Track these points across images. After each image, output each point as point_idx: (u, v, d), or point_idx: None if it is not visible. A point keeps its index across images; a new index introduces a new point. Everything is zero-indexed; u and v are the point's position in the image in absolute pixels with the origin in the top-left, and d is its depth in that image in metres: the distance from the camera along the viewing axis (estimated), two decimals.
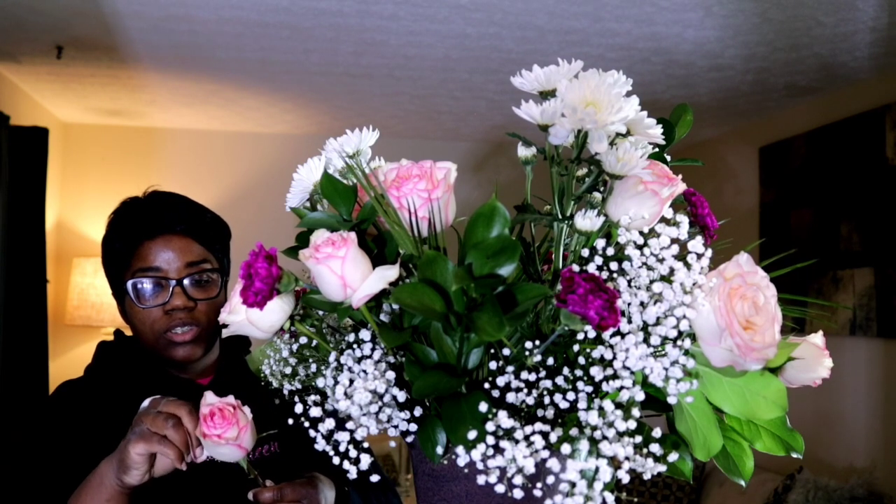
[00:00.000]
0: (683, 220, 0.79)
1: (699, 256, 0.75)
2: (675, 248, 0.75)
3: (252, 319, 0.80)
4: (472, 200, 1.44)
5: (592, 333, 0.71)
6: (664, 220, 0.79)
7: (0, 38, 3.28)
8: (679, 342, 0.72)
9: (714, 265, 0.76)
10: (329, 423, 0.77)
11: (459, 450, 0.70)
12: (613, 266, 0.75)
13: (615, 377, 0.71)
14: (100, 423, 1.32)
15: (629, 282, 0.75)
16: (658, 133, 0.81)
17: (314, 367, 0.86)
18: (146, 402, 1.11)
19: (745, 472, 0.81)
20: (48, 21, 3.05)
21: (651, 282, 0.74)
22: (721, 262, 0.76)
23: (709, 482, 3.98)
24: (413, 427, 0.76)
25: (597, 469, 0.68)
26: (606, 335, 0.71)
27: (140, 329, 1.38)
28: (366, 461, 0.75)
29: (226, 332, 0.84)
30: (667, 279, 0.74)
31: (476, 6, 2.84)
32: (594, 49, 3.24)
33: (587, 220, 0.77)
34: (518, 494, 0.69)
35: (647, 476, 0.71)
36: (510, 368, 0.72)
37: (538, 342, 0.74)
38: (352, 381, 0.75)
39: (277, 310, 0.80)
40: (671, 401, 0.72)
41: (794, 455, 0.81)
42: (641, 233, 0.78)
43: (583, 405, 0.70)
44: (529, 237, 0.84)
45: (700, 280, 0.74)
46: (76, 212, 4.66)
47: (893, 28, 2.92)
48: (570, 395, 0.71)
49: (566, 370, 0.73)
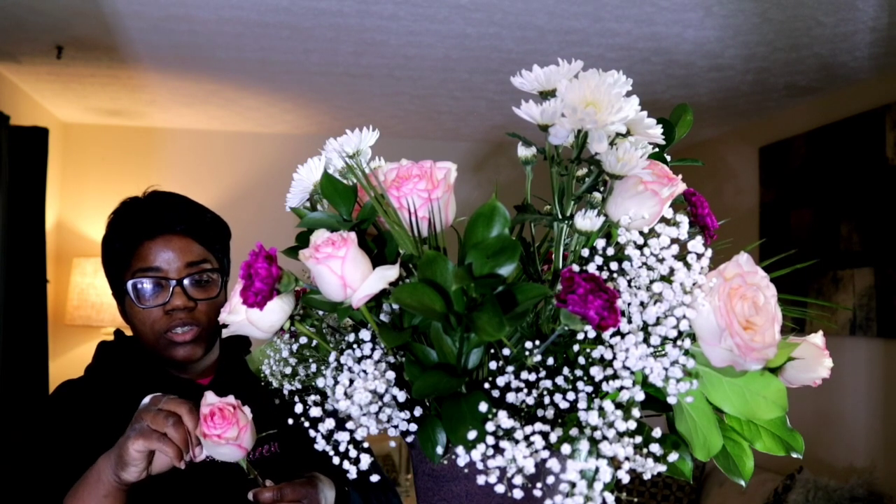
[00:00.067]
0: (683, 220, 0.79)
1: (699, 256, 0.75)
2: (675, 248, 0.75)
3: (252, 319, 0.80)
4: (472, 200, 1.44)
5: (592, 333, 0.71)
6: (664, 220, 0.79)
7: (0, 38, 3.28)
8: (679, 342, 0.72)
9: (714, 265, 0.76)
10: (329, 423, 0.77)
11: (459, 450, 0.70)
12: (613, 266, 0.75)
13: (615, 377, 0.71)
14: (100, 423, 1.31)
15: (629, 282, 0.75)
16: (658, 133, 0.81)
17: (314, 367, 0.86)
18: (147, 400, 1.11)
19: (745, 472, 0.81)
20: (48, 21, 3.05)
21: (651, 282, 0.74)
22: (721, 262, 0.76)
23: (709, 482, 3.98)
24: (413, 427, 0.76)
25: (597, 469, 0.68)
26: (606, 335, 0.71)
27: (140, 329, 1.38)
28: (366, 461, 0.75)
29: (226, 332, 0.84)
30: (667, 279, 0.74)
31: (476, 6, 2.84)
32: (594, 49, 3.24)
33: (587, 220, 0.77)
34: (518, 494, 0.69)
35: (647, 476, 0.71)
36: (510, 368, 0.72)
37: (538, 342, 0.74)
38: (352, 381, 0.75)
39: (277, 310, 0.80)
40: (671, 401, 0.72)
41: (794, 455, 0.81)
42: (641, 233, 0.78)
43: (583, 405, 0.70)
44: (529, 237, 0.84)
45: (700, 280, 0.74)
46: (76, 212, 4.65)
47: (893, 28, 2.92)
48: (570, 396, 0.71)
49: (566, 370, 0.72)
